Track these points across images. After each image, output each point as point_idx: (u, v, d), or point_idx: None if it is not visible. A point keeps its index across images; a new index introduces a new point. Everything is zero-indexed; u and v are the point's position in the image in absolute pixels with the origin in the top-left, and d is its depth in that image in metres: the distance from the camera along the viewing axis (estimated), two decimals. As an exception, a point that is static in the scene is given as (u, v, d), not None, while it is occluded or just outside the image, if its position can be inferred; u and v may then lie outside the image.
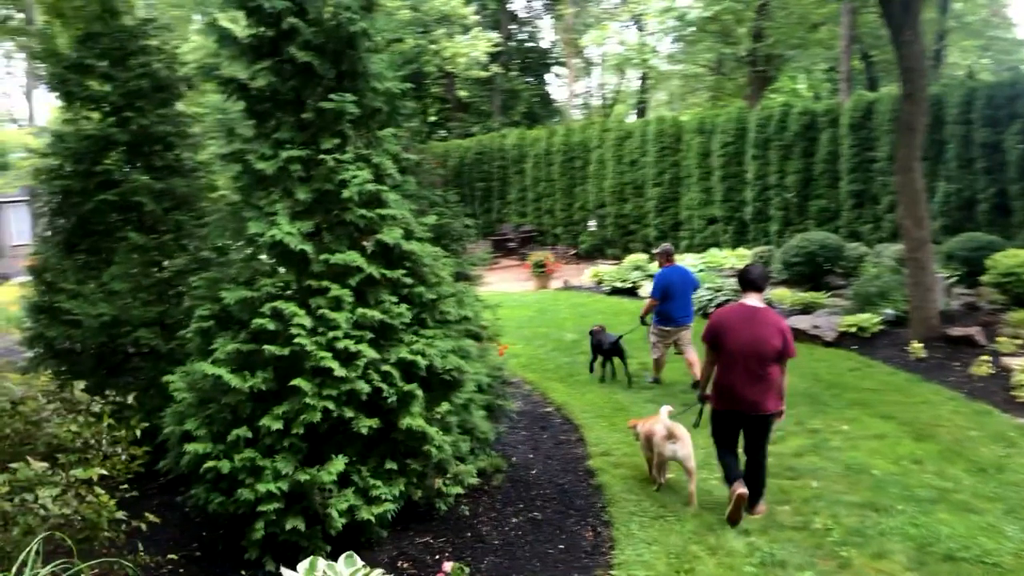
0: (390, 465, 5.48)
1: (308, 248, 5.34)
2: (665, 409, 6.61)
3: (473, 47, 30.57)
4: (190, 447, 5.21)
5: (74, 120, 7.58)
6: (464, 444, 6.01)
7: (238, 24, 5.77)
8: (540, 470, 7.20)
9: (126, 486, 4.48)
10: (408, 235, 5.68)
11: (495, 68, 33.57)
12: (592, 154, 23.90)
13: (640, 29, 36.28)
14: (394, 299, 5.57)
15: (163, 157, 7.73)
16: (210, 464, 5.16)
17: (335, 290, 5.29)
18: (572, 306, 16.23)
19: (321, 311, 5.26)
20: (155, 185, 7.40)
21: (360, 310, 5.37)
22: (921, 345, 10.39)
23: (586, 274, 19.68)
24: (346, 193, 5.35)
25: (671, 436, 6.31)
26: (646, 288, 14.95)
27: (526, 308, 16.53)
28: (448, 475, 5.86)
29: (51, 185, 7.45)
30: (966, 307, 12.22)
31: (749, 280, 6.07)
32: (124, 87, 7.39)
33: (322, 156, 5.42)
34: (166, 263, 7.49)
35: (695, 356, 9.76)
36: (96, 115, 7.57)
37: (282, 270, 5.55)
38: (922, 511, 5.99)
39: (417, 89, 36.80)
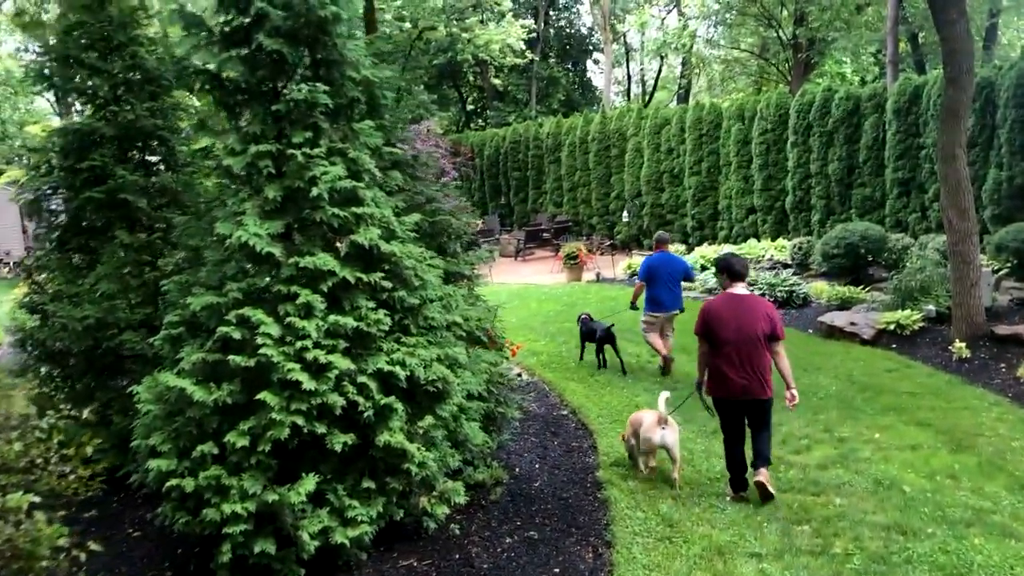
0: (368, 484, 5.09)
1: (276, 250, 4.93)
2: (663, 395, 6.73)
3: (507, 34, 30.04)
4: (153, 463, 4.88)
5: (66, 115, 7.33)
6: (453, 459, 5.59)
7: (209, 11, 5.39)
8: (544, 481, 6.75)
9: (62, 512, 4.13)
10: (388, 235, 5.25)
11: (531, 55, 33.06)
12: (628, 142, 23.22)
13: (680, 13, 35.51)
14: (372, 305, 5.15)
15: (154, 152, 7.43)
16: (174, 482, 4.82)
17: (304, 295, 4.88)
18: (602, 300, 15.69)
19: (289, 319, 4.86)
20: (144, 181, 7.11)
21: (333, 317, 4.96)
22: (964, 344, 9.73)
23: (620, 266, 19.17)
24: (315, 191, 4.94)
25: (662, 422, 6.47)
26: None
27: (554, 302, 16.09)
28: (435, 492, 5.45)
29: (40, 181, 7.20)
30: (1016, 303, 11.45)
31: (735, 271, 6.34)
32: (112, 79, 7.09)
33: (291, 151, 5.01)
34: (160, 262, 7.20)
35: (670, 344, 10.23)
36: (89, 109, 7.30)
37: (252, 273, 5.16)
38: (955, 535, 5.44)
39: (452, 78, 36.72)
